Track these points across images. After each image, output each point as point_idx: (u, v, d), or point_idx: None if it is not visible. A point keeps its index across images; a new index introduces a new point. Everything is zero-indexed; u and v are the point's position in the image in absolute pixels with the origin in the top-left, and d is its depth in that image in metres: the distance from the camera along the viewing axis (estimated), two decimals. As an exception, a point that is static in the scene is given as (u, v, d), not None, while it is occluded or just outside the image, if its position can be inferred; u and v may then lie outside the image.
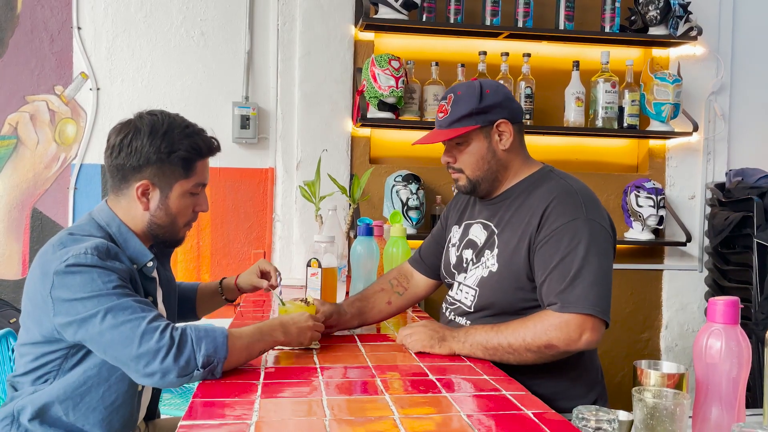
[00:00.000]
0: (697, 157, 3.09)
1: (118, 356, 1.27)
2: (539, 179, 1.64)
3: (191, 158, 1.45)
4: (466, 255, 1.71)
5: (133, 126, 1.43)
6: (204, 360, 1.24)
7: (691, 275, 3.09)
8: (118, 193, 1.46)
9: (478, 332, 1.52)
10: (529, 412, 1.14)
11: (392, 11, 2.70)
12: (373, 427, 1.04)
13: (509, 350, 1.47)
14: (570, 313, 1.43)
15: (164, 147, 1.41)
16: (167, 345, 1.23)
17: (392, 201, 2.76)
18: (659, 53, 3.07)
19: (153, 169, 1.42)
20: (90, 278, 1.28)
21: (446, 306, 1.77)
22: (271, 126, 2.89)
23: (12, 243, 2.78)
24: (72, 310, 1.28)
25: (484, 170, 1.63)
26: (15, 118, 2.77)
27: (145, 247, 1.47)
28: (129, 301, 1.28)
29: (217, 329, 1.30)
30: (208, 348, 1.25)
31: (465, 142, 1.62)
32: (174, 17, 2.84)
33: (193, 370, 1.24)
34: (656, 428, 1.02)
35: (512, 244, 1.58)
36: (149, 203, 1.45)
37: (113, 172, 1.45)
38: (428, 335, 1.53)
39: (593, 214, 1.53)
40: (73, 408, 1.37)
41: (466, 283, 1.67)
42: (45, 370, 1.38)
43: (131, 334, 1.24)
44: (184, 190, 1.47)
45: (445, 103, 1.62)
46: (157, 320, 1.27)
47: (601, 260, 1.48)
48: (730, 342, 1.08)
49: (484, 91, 1.59)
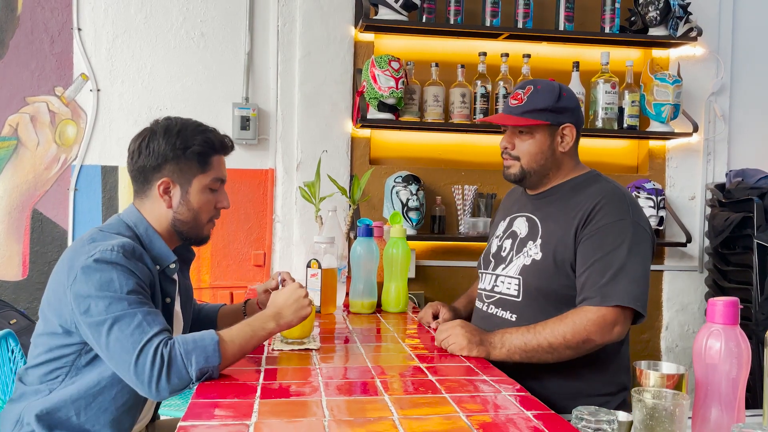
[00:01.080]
0: (697, 158, 3.09)
1: (119, 369, 1.31)
2: (587, 180, 1.72)
3: (206, 152, 1.51)
4: (506, 245, 1.77)
5: (149, 130, 1.51)
6: (197, 373, 1.27)
7: (692, 276, 3.09)
8: (142, 196, 1.53)
9: (514, 335, 1.55)
10: (529, 413, 1.14)
11: (392, 12, 2.70)
12: (372, 428, 1.04)
13: (549, 350, 1.53)
14: (608, 307, 1.51)
15: (179, 143, 1.48)
16: (158, 366, 1.25)
17: (392, 202, 2.76)
18: (659, 54, 3.07)
19: (171, 165, 1.49)
20: (109, 278, 1.33)
21: (482, 302, 1.80)
22: (271, 127, 2.89)
23: (12, 244, 2.78)
24: (85, 307, 1.32)
25: (539, 164, 1.72)
26: (15, 119, 2.78)
27: (169, 249, 1.52)
28: (138, 312, 1.31)
29: (206, 336, 1.30)
30: (199, 361, 1.27)
31: (529, 133, 1.70)
32: (174, 18, 2.84)
33: (187, 384, 1.28)
34: (655, 429, 1.02)
35: (557, 235, 1.65)
36: (171, 200, 1.51)
37: (136, 176, 1.52)
38: (466, 338, 1.54)
39: (638, 217, 1.62)
40: (84, 408, 1.39)
41: (507, 273, 1.72)
42: (57, 364, 1.40)
43: (131, 350, 1.27)
44: (203, 185, 1.52)
45: (521, 92, 1.70)
46: (158, 336, 1.28)
47: (642, 260, 1.56)
48: (729, 342, 1.08)
49: (562, 93, 1.69)
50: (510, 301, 1.71)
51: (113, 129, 2.82)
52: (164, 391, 1.26)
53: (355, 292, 2.08)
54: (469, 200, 2.84)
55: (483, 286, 1.82)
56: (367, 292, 2.08)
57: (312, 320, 1.60)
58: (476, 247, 2.91)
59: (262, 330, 1.39)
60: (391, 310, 2.12)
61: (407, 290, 2.16)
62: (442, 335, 1.58)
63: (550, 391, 1.56)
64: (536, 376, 1.57)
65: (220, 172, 1.55)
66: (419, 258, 2.89)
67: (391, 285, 2.13)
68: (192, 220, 1.53)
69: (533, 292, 1.66)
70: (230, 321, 1.79)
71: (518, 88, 1.73)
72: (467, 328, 1.57)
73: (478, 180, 2.93)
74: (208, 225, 1.58)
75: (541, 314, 1.61)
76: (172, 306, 1.54)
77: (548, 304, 1.62)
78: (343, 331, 1.81)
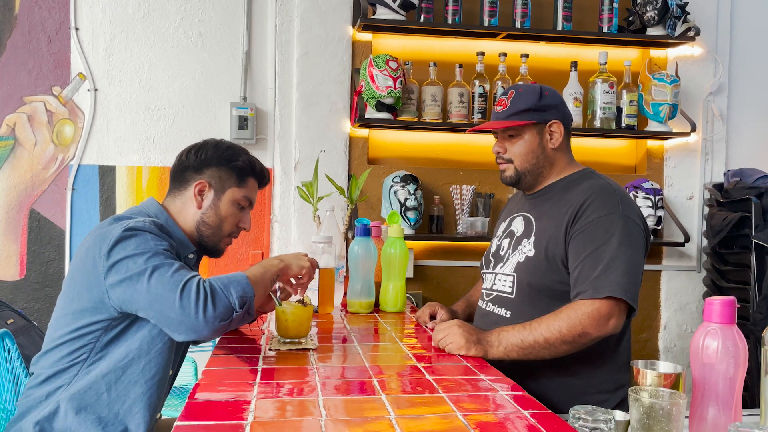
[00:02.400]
0: (695, 158, 3.09)
1: (162, 309, 1.36)
2: (580, 177, 1.75)
3: (246, 170, 1.65)
4: (504, 244, 1.81)
5: (202, 142, 1.67)
6: (240, 301, 1.38)
7: (690, 275, 3.09)
8: (175, 195, 1.63)
9: (510, 333, 1.56)
10: (526, 412, 1.14)
11: (390, 12, 2.70)
12: (369, 428, 1.04)
13: (545, 345, 1.53)
14: (601, 299, 1.52)
15: (227, 155, 1.63)
16: (203, 296, 1.34)
17: (390, 201, 2.75)
18: (657, 54, 3.07)
19: (212, 171, 1.61)
20: (144, 239, 1.42)
21: (483, 300, 1.83)
22: (269, 127, 2.89)
23: (10, 244, 2.78)
24: (124, 267, 1.38)
25: (531, 163, 1.76)
26: (12, 118, 2.77)
27: (189, 239, 1.61)
28: (175, 263, 1.40)
29: (237, 275, 1.43)
30: (237, 291, 1.39)
31: (518, 135, 1.75)
32: (172, 18, 2.84)
33: (231, 313, 1.37)
34: (653, 428, 1.01)
35: (549, 231, 1.67)
36: (203, 202, 1.61)
37: (176, 175, 1.64)
38: (464, 337, 1.54)
39: (629, 211, 1.63)
40: (115, 382, 1.44)
41: (504, 271, 1.75)
42: (81, 342, 1.43)
43: (175, 288, 1.35)
44: (235, 198, 1.63)
45: (505, 98, 1.76)
46: (196, 276, 1.39)
47: (633, 252, 1.57)
48: (726, 342, 1.08)
49: (543, 93, 1.74)
50: (505, 298, 1.72)
51: (111, 129, 2.82)
52: (210, 319, 1.34)
53: (353, 291, 2.08)
54: (467, 200, 2.84)
55: (485, 285, 1.85)
56: (364, 291, 2.08)
57: (309, 320, 1.60)
58: (474, 247, 2.91)
59: (269, 265, 1.55)
60: (388, 310, 2.12)
61: (405, 290, 2.16)
62: (440, 335, 1.58)
63: (548, 390, 1.56)
64: (534, 376, 1.58)
65: (252, 194, 1.68)
66: (417, 258, 2.89)
67: (389, 285, 2.13)
68: (216, 226, 1.62)
69: (525, 288, 1.68)
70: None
71: (502, 95, 1.79)
72: (464, 328, 1.57)
73: (476, 180, 2.93)
74: (226, 239, 1.67)
75: (533, 310, 1.62)
76: None
77: (540, 300, 1.64)
78: (341, 330, 1.81)
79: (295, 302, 1.61)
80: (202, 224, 1.61)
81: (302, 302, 1.62)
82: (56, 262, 2.80)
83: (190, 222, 1.61)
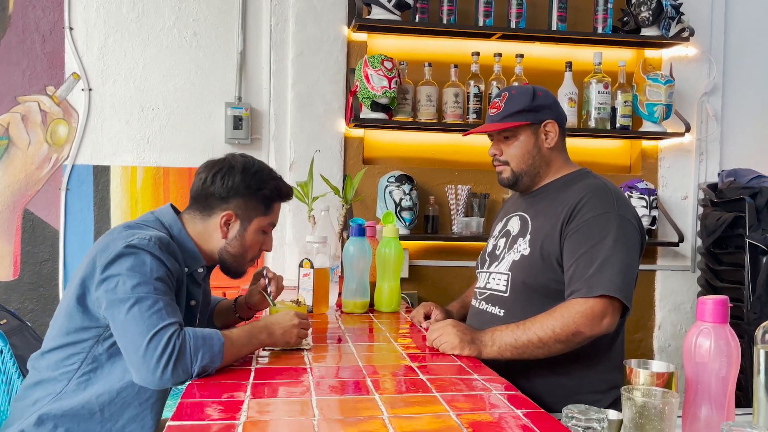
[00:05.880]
0: (689, 158, 3.10)
1: (127, 348, 1.32)
2: (576, 177, 1.75)
3: (273, 198, 1.61)
4: (500, 243, 1.81)
5: (228, 163, 1.58)
6: (199, 369, 1.30)
7: (684, 275, 3.10)
8: (196, 217, 1.58)
9: (504, 333, 1.56)
10: (519, 411, 1.14)
11: (385, 12, 2.70)
12: (362, 427, 1.04)
13: (539, 344, 1.53)
14: (595, 298, 1.51)
15: (254, 183, 1.57)
16: (169, 353, 1.27)
17: (385, 201, 2.75)
18: (652, 54, 3.08)
19: (239, 201, 1.56)
20: (141, 261, 1.37)
21: (476, 299, 1.83)
22: (264, 126, 2.89)
23: (3, 244, 2.77)
24: (113, 285, 1.35)
25: (528, 164, 1.76)
26: (6, 118, 2.76)
27: (200, 253, 1.57)
28: (161, 299, 1.34)
29: (213, 336, 1.34)
30: (204, 359, 1.30)
31: (513, 136, 1.75)
32: (166, 18, 2.83)
33: (186, 378, 1.30)
34: (645, 427, 1.02)
35: (544, 230, 1.67)
36: (228, 233, 1.57)
37: (199, 198, 1.58)
38: (458, 337, 1.54)
39: (624, 210, 1.63)
40: (108, 403, 1.42)
41: (498, 270, 1.75)
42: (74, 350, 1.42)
43: (146, 332, 1.29)
44: (260, 226, 1.60)
45: (498, 101, 1.76)
46: (173, 325, 1.31)
47: (628, 251, 1.57)
48: (719, 341, 1.08)
49: (536, 93, 1.74)
50: (498, 296, 1.72)
51: (105, 128, 2.81)
52: (165, 380, 1.28)
53: (348, 291, 2.08)
54: (463, 200, 2.84)
55: (479, 284, 1.85)
56: (359, 291, 2.08)
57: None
58: (469, 247, 2.91)
59: (255, 339, 1.45)
60: (383, 310, 2.12)
61: (400, 290, 2.16)
62: (434, 334, 1.58)
63: (541, 390, 1.56)
64: (527, 375, 1.58)
65: (276, 218, 1.65)
66: (412, 258, 2.89)
67: (384, 285, 2.12)
68: (240, 255, 1.60)
69: (520, 287, 1.68)
70: (223, 317, 1.84)
71: (495, 97, 1.80)
72: (459, 328, 1.57)
73: (471, 180, 2.93)
74: (249, 263, 1.64)
75: (527, 308, 1.62)
76: (196, 309, 1.58)
77: (534, 299, 1.63)
78: (336, 330, 1.81)
79: (290, 302, 1.60)
80: (225, 253, 1.58)
81: (296, 302, 1.62)
82: (50, 262, 2.79)
83: (212, 247, 1.58)
